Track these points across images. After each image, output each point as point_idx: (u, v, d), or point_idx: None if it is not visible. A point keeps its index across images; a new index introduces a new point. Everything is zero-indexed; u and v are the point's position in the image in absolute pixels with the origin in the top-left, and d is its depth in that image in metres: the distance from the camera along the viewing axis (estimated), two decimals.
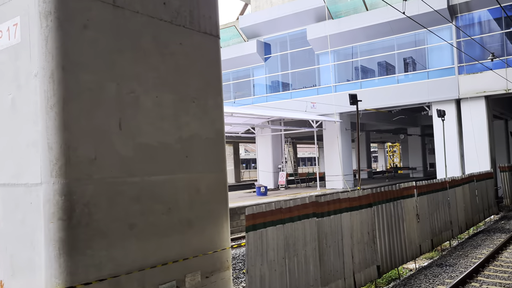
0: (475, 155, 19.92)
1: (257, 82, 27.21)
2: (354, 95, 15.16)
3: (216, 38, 5.77)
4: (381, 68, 23.38)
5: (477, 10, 19.98)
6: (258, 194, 20.88)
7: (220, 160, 5.57)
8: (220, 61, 5.94)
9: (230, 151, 47.14)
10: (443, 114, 18.17)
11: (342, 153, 23.91)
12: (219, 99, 5.78)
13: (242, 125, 23.25)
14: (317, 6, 23.55)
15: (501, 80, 19.18)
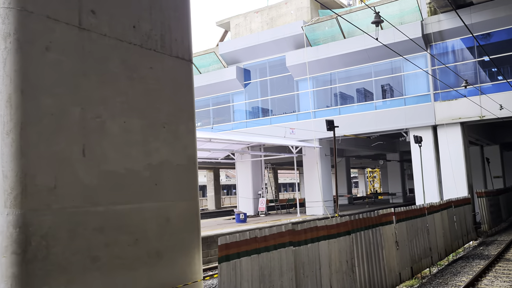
0: (453, 180, 20.10)
1: (237, 108, 27.22)
2: (331, 121, 15.22)
3: (188, 63, 5.63)
4: (359, 95, 23.70)
5: (451, 39, 20.55)
6: (238, 221, 20.53)
7: (192, 188, 5.35)
8: (193, 85, 5.79)
9: (211, 177, 46.68)
10: (420, 140, 18.37)
11: (322, 179, 23.86)
12: (191, 125, 5.60)
13: (221, 151, 23.07)
14: (295, 34, 23.90)
15: (475, 107, 19.59)
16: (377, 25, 10.36)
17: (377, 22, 10.23)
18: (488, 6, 19.04)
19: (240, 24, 27.45)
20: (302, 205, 26.20)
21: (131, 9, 5.38)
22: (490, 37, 19.95)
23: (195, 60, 27.81)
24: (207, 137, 17.55)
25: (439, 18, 20.39)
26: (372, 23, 10.46)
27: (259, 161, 26.94)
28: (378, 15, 10.00)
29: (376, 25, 10.39)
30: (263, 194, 26.03)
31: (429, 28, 20.63)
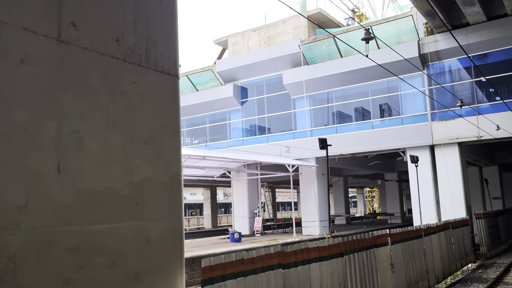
0: (451, 201, 19.86)
1: (234, 126, 27.12)
2: (324, 140, 15.07)
3: (175, 78, 5.51)
4: (356, 114, 23.62)
5: (448, 59, 20.58)
6: (232, 241, 20.19)
7: (176, 207, 5.15)
8: (179, 101, 5.61)
9: (208, 195, 46.28)
10: (417, 160, 18.19)
11: (319, 198, 23.59)
12: (176, 142, 5.43)
13: (217, 169, 22.84)
14: (292, 52, 23.96)
15: (473, 127, 19.48)
16: (367, 42, 10.29)
17: (367, 39, 10.16)
18: (485, 27, 19.11)
19: (237, 42, 27.56)
20: (299, 224, 25.85)
21: (114, 22, 5.28)
22: (486, 58, 19.98)
23: (192, 78, 27.85)
24: (201, 155, 17.38)
25: (435, 38, 20.46)
26: (363, 39, 10.40)
27: (255, 180, 26.69)
28: (368, 32, 9.95)
29: (366, 42, 10.31)
30: (259, 213, 25.71)
31: (425, 48, 20.68)
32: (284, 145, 23.20)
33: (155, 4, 5.85)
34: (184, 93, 28.68)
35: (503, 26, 18.84)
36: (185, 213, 73.95)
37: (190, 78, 27.96)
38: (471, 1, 16.86)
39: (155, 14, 5.94)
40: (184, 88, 28.63)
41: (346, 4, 58.24)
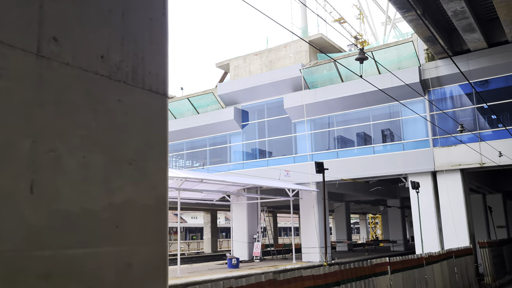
0: (453, 229, 19.41)
1: (234, 149, 26.95)
2: (320, 163, 14.82)
3: (163, 97, 5.33)
4: (358, 139, 23.44)
5: (449, 85, 20.50)
6: (229, 267, 19.72)
7: (160, 231, 4.89)
8: (167, 121, 5.41)
9: (208, 219, 45.76)
10: (418, 186, 17.88)
11: (319, 224, 23.16)
12: (163, 162, 5.21)
13: (216, 192, 22.54)
14: (294, 76, 23.98)
15: (475, 154, 19.21)
16: (361, 62, 10.19)
17: (361, 59, 10.05)
18: (485, 54, 19.08)
19: (239, 66, 27.67)
20: (299, 250, 25.33)
21: (99, 38, 5.14)
22: (488, 84, 19.88)
23: (193, 100, 27.85)
24: (199, 178, 17.14)
25: (436, 64, 20.43)
26: (357, 59, 10.29)
27: (255, 204, 26.33)
28: (362, 51, 9.85)
29: (360, 62, 10.21)
30: (258, 238, 25.24)
31: (426, 73, 20.63)
32: (284, 169, 22.94)
33: (144, 22, 5.64)
34: (185, 115, 28.66)
35: (504, 53, 18.80)
36: (186, 237, 73.09)
37: (191, 100, 27.98)
38: (471, 28, 16.86)
39: (144, 32, 5.72)
40: (185, 110, 28.63)
41: (349, 31, 58.96)
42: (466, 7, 15.01)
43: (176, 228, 73.12)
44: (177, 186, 16.59)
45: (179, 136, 28.93)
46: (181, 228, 74.27)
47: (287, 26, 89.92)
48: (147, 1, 5.79)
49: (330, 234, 76.56)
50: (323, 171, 14.85)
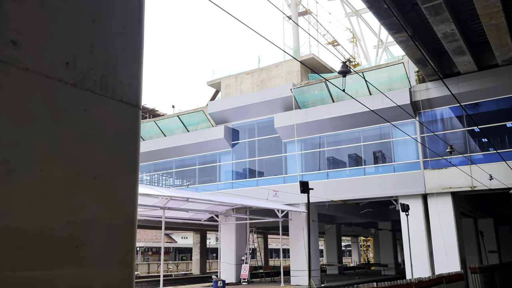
0: (444, 254, 19.05)
1: (224, 169, 26.59)
2: (305, 183, 14.50)
3: (135, 109, 5.04)
4: (349, 160, 23.20)
5: (439, 107, 20.44)
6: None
7: (127, 252, 4.54)
8: (139, 134, 5.09)
9: (197, 240, 44.97)
10: (407, 209, 17.58)
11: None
12: (132, 178, 4.88)
13: (203, 212, 22.03)
14: (285, 96, 23.87)
15: (466, 177, 19.02)
16: (344, 75, 10.00)
17: (344, 72, 9.85)
18: (475, 77, 19.09)
19: (230, 85, 27.56)
20: (289, 273, 24.76)
21: (65, 44, 4.88)
22: (478, 107, 19.85)
23: (183, 118, 27.60)
24: (185, 196, 16.74)
25: (427, 86, 20.41)
26: (339, 73, 10.10)
27: (244, 225, 25.84)
28: (345, 64, 9.67)
29: (343, 75, 10.03)
30: (246, 259, 24.67)
31: (417, 95, 20.59)
32: (274, 190, 22.56)
33: (117, 28, 5.26)
34: (175, 133, 28.37)
35: (494, 76, 18.83)
36: (175, 258, 71.77)
37: (181, 118, 27.74)
38: (462, 50, 16.88)
39: (117, 39, 5.32)
40: (175, 128, 28.35)
41: (342, 54, 59.50)
42: (456, 29, 15.03)
43: (165, 248, 71.85)
44: (162, 204, 16.17)
45: (169, 154, 28.57)
46: (171, 249, 72.99)
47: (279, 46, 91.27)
48: (120, 8, 5.45)
49: (321, 256, 75.44)
50: (308, 191, 14.52)
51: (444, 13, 13.86)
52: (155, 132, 29.16)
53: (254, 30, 7.83)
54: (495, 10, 13.82)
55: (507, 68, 18.50)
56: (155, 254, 69.32)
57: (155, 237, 73.55)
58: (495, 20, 14.49)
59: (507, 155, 18.55)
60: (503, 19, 14.35)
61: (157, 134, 29.11)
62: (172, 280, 34.39)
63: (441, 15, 13.94)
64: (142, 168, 30.53)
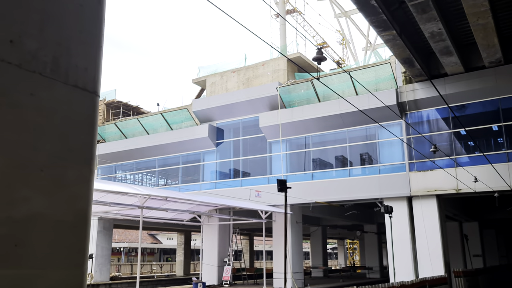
0: (428, 257, 18.80)
1: (208, 168, 26.08)
2: (283, 181, 14.07)
3: (92, 95, 4.55)
4: (334, 161, 22.87)
5: (426, 109, 20.21)
6: None
7: (78, 252, 4.06)
8: (95, 123, 4.60)
9: (182, 241, 44.38)
10: (391, 211, 17.29)
11: (292, 249, 22.30)
12: (86, 171, 4.40)
13: (185, 212, 21.49)
14: (270, 95, 23.47)
15: (451, 180, 18.81)
16: (319, 62, 9.60)
17: (318, 59, 9.43)
18: (462, 78, 18.91)
19: (216, 83, 27.08)
20: (271, 275, 24.34)
21: (9, 20, 4.41)
22: (465, 109, 19.66)
23: (167, 116, 27.04)
24: (163, 195, 16.22)
25: (414, 87, 20.18)
26: (314, 59, 9.68)
27: (228, 226, 25.36)
28: (320, 51, 9.28)
29: (318, 62, 9.63)
30: (229, 261, 24.18)
31: (404, 96, 20.35)
32: (257, 190, 22.10)
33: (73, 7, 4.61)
34: (159, 131, 27.80)
35: (481, 78, 18.66)
36: (160, 259, 70.89)
37: (165, 116, 27.17)
38: (449, 51, 16.65)
39: (72, 18, 4.67)
40: (158, 126, 27.78)
41: (331, 56, 59.37)
42: (443, 28, 14.77)
43: (150, 249, 70.99)
44: (140, 203, 15.63)
45: (152, 153, 27.98)
46: (156, 249, 72.12)
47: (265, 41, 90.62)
48: None
49: (307, 259, 74.90)
50: (286, 189, 14.10)
51: (431, 11, 13.59)
52: (138, 130, 28.55)
53: (242, 24, 7.43)
54: (483, 10, 13.60)
55: (494, 70, 18.35)
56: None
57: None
58: (482, 20, 14.27)
59: (493, 158, 18.39)
60: (491, 19, 14.14)
61: (140, 132, 28.50)
62: (153, 282, 33.76)
63: (428, 13, 13.67)
64: (125, 166, 29.89)
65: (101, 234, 29.39)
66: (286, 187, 13.92)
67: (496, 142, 19.56)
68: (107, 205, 15.31)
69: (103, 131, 30.04)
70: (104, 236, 29.63)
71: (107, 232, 29.80)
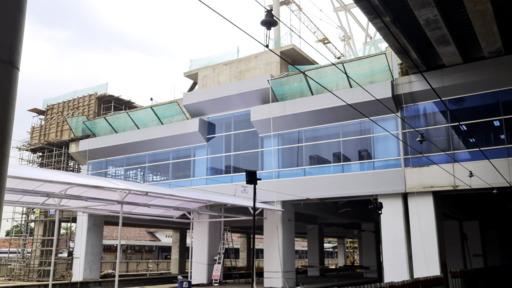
0: (423, 256, 17.97)
1: (199, 164, 25.30)
2: (252, 172, 13.27)
3: (7, 66, 3.72)
4: (327, 156, 22.04)
5: (422, 102, 19.35)
6: None
7: None
8: (11, 98, 3.76)
9: (177, 238, 43.70)
10: (380, 207, 16.47)
11: (283, 247, 21.53)
12: None
13: (168, 208, 20.69)
14: (262, 88, 22.66)
15: (448, 176, 17.96)
16: (268, 28, 8.82)
17: (268, 23, 8.66)
18: (460, 70, 18.02)
19: (208, 76, 26.29)
20: (262, 274, 23.56)
21: None
22: (463, 102, 18.78)
23: (157, 110, 26.28)
24: (144, 190, 15.46)
25: (410, 79, 19.32)
26: (262, 23, 8.88)
27: (218, 223, 24.60)
28: (270, 13, 8.50)
29: (267, 28, 8.85)
30: (219, 259, 23.43)
31: (399, 89, 19.49)
32: (241, 185, 21.29)
33: None
34: (149, 126, 27.07)
35: (480, 69, 17.78)
36: (158, 256, 70.29)
37: (155, 110, 26.41)
38: (445, 40, 15.80)
39: None
40: (149, 121, 27.04)
41: (333, 52, 58.49)
42: (439, 15, 13.93)
43: (148, 247, 70.43)
44: (120, 198, 14.88)
45: (142, 148, 27.25)
46: (154, 247, 71.54)
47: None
48: None
49: (305, 258, 73.99)
50: (255, 181, 13.31)
51: None
52: (128, 125, 27.83)
53: (231, 21, 6.74)
54: None
55: (494, 60, 17.46)
56: (137, 252, 67.82)
57: (138, 235, 72.06)
58: (480, 6, 13.42)
59: (492, 153, 17.54)
60: (489, 4, 13.28)
61: (131, 127, 27.78)
62: (145, 280, 33.08)
63: None
64: (115, 162, 29.19)
65: (92, 231, 28.73)
66: (256, 178, 13.15)
67: (496, 136, 18.68)
68: (83, 200, 14.59)
69: (93, 125, 29.34)
70: (95, 233, 28.96)
71: (97, 229, 29.13)
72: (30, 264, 30.57)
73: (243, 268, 27.32)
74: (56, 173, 14.68)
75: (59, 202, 15.44)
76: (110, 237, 59.02)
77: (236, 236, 58.08)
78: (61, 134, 31.38)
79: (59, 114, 32.20)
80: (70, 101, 32.13)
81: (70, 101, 32.13)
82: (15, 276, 30.47)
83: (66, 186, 13.79)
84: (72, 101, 32.06)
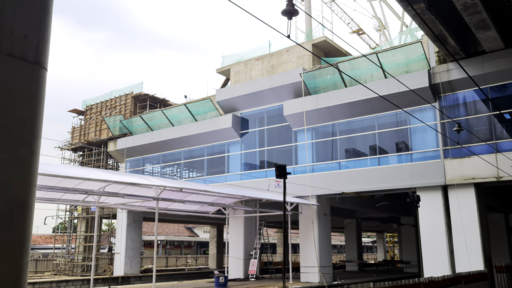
0: (466, 251, 17.31)
1: (233, 160, 25.41)
2: (282, 166, 13.04)
3: (34, 66, 3.78)
4: (363, 149, 21.59)
5: (462, 91, 18.58)
6: (216, 285, 18.08)
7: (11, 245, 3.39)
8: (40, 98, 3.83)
9: (214, 234, 44.26)
10: (418, 200, 15.93)
11: (319, 242, 21.32)
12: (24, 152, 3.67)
13: (201, 204, 20.89)
14: (295, 81, 22.43)
15: (491, 167, 17.19)
16: (289, 17, 8.45)
17: (289, 13, 8.27)
18: (502, 55, 17.16)
19: (240, 72, 26.31)
20: (299, 269, 23.42)
21: None
22: (506, 89, 17.89)
23: (191, 107, 26.55)
24: (178, 187, 15.65)
25: (448, 67, 18.58)
26: (283, 13, 8.53)
27: (254, 218, 24.64)
28: (291, 2, 8.18)
29: (288, 17, 8.47)
30: (255, 254, 23.47)
31: (437, 77, 18.79)
32: (274, 180, 21.15)
33: None
34: (184, 123, 27.41)
35: None
36: (197, 252, 71.39)
37: (189, 107, 26.71)
38: (485, 25, 15.07)
39: None
40: (183, 118, 27.38)
41: (367, 43, 57.28)
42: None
43: (187, 242, 71.69)
44: (156, 195, 15.15)
45: (177, 145, 27.65)
46: (192, 242, 72.72)
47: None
48: None
49: (343, 253, 73.23)
50: (285, 175, 13.11)
51: None
52: (163, 123, 28.29)
53: (261, 19, 6.63)
54: None
55: None
56: (176, 247, 69.19)
57: (177, 230, 73.41)
58: None
59: None
60: None
61: (166, 125, 28.23)
62: (184, 274, 33.65)
63: None
64: (152, 159, 29.78)
65: (131, 227, 29.47)
66: (286, 172, 12.97)
67: None
68: (121, 197, 14.95)
69: (130, 124, 30.03)
70: (134, 229, 29.70)
71: (136, 225, 29.86)
72: (74, 260, 31.74)
73: (280, 263, 27.28)
74: (94, 171, 15.11)
75: (98, 199, 15.89)
76: (150, 233, 60.41)
77: (273, 231, 58.12)
78: (100, 133, 32.32)
79: (97, 114, 33.18)
80: (107, 101, 33.05)
81: (107, 101, 33.05)
82: (61, 271, 31.73)
83: (103, 183, 14.17)
84: (110, 100, 32.96)
